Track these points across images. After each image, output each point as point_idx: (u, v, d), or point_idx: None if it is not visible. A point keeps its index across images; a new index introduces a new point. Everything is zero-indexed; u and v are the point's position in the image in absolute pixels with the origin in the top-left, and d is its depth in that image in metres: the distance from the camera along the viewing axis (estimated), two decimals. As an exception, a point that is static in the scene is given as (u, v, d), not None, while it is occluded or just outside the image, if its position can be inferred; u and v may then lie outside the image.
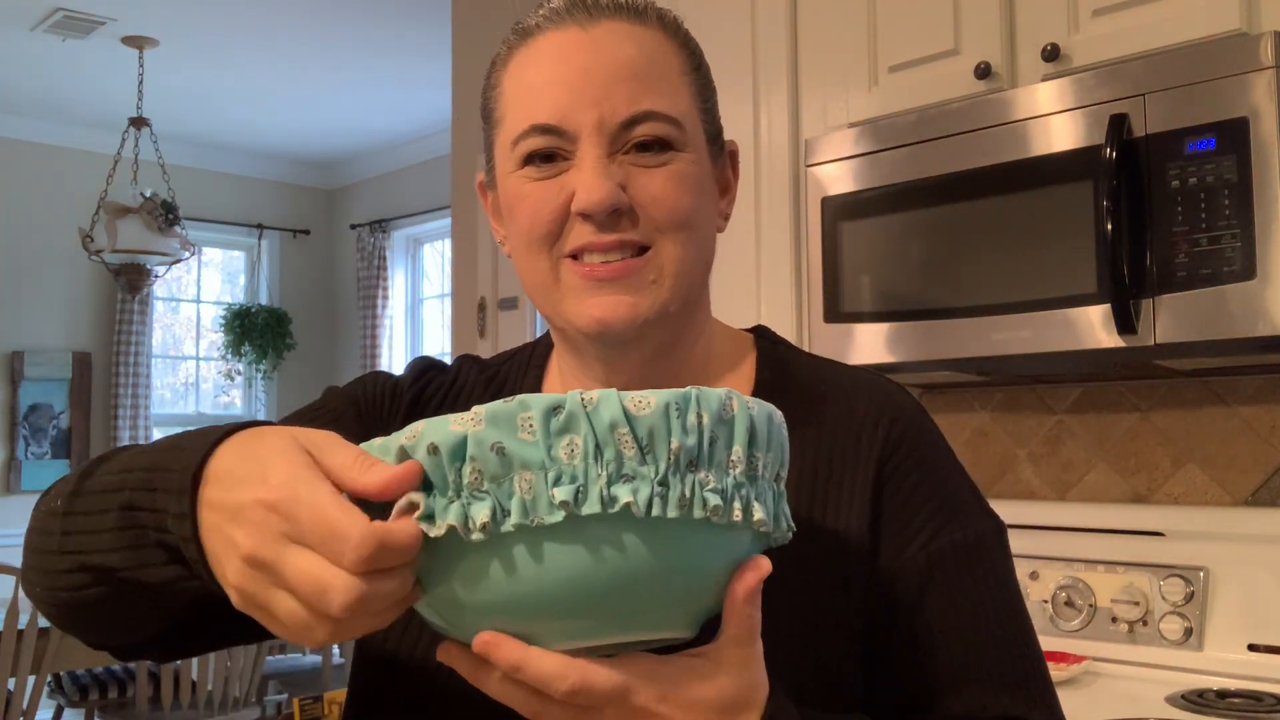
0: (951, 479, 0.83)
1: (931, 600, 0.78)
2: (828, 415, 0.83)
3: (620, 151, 0.78)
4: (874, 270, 1.92)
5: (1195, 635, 1.80)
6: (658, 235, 0.78)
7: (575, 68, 0.78)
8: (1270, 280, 1.49)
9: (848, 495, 0.79)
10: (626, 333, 0.78)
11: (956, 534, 0.80)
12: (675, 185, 0.78)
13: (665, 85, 0.80)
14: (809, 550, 0.77)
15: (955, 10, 1.92)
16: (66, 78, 5.03)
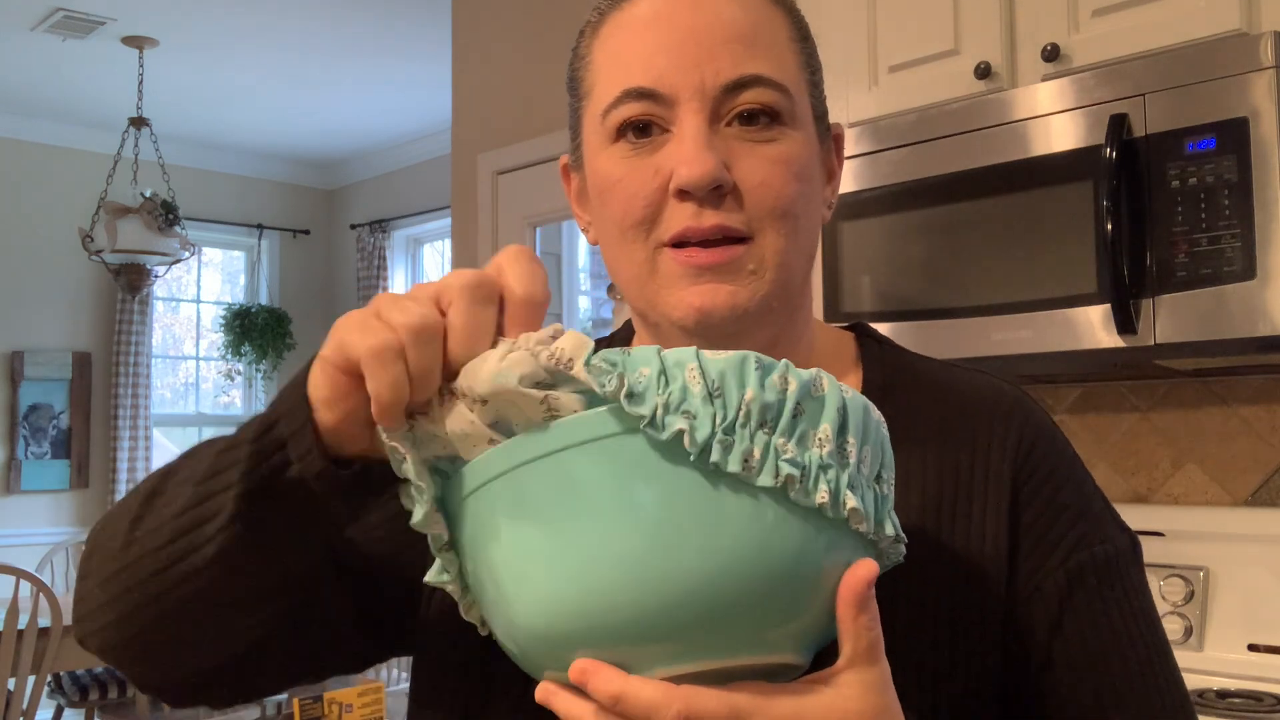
0: (1085, 490, 0.76)
1: (1071, 624, 0.71)
2: (949, 423, 0.75)
3: (724, 123, 0.70)
4: (874, 270, 1.92)
5: (1195, 635, 1.80)
6: (760, 224, 0.71)
7: (675, 27, 0.71)
8: (1270, 280, 1.49)
9: (979, 513, 0.72)
10: (726, 324, 0.71)
11: (1095, 549, 0.73)
12: (783, 169, 0.71)
13: (773, 51, 0.72)
14: (936, 575, 0.70)
15: (955, 10, 1.92)
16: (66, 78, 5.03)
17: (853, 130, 1.99)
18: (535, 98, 3.29)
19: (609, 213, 0.73)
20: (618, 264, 0.75)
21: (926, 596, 0.70)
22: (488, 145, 3.45)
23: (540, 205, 3.32)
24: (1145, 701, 0.71)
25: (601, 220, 0.75)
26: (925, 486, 0.73)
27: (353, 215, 6.57)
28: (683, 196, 0.70)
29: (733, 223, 0.70)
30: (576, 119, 0.78)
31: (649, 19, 0.72)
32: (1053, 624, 0.71)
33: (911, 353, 0.83)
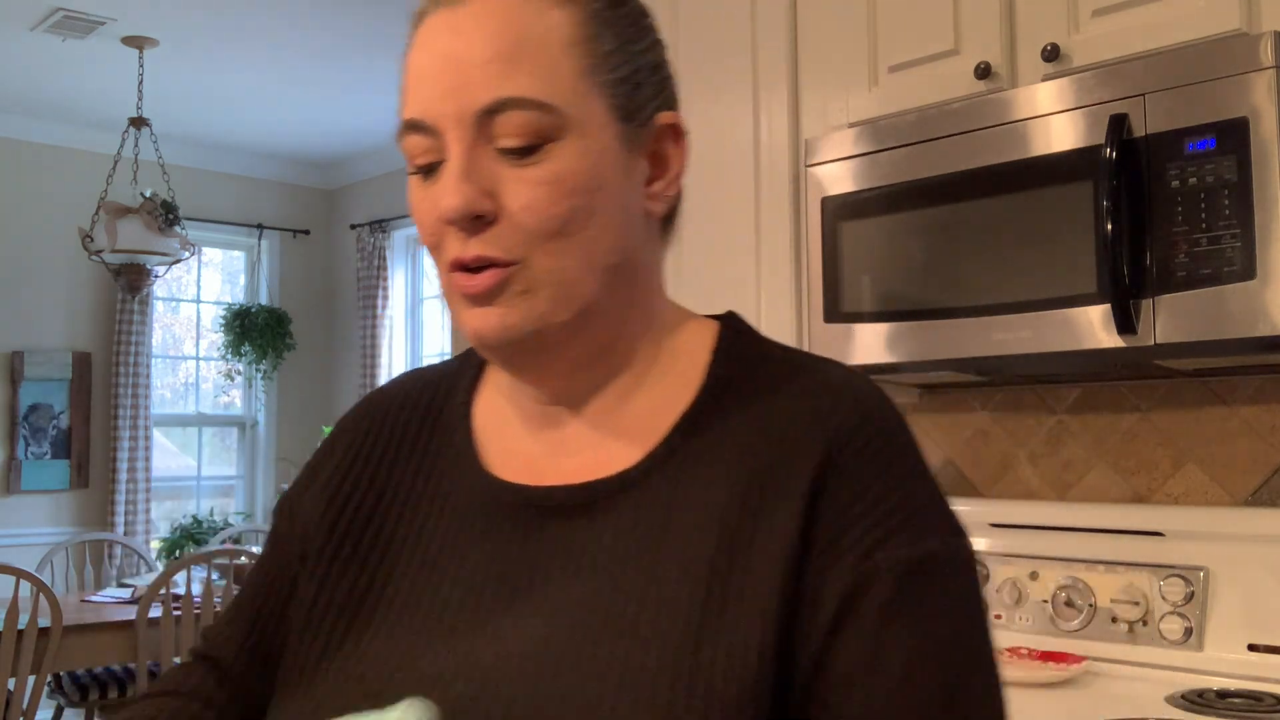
0: (903, 491, 0.69)
1: (854, 630, 0.65)
2: (775, 417, 0.72)
3: (494, 144, 0.70)
4: (874, 270, 1.92)
5: (1195, 635, 1.80)
6: (528, 248, 0.70)
7: (438, 55, 0.71)
8: (1270, 280, 1.49)
9: (777, 516, 0.68)
10: (502, 348, 0.72)
11: (902, 550, 0.66)
12: (549, 189, 0.69)
13: (538, 63, 0.70)
14: (735, 581, 0.67)
15: (955, 10, 1.92)
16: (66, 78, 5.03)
17: (852, 130, 1.99)
18: (535, 98, 3.29)
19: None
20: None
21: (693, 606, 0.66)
22: (488, 145, 3.45)
23: (540, 205, 3.32)
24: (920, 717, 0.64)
25: None
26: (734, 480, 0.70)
27: (353, 215, 6.57)
28: (450, 225, 0.70)
29: (493, 251, 0.69)
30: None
31: (424, 43, 0.72)
32: (832, 627, 0.65)
33: (772, 346, 0.80)
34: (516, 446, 0.79)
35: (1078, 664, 1.81)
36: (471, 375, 0.85)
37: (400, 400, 0.86)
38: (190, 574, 3.68)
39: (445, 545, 0.76)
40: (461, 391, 0.84)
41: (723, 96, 2.28)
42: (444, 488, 0.79)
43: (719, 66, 2.29)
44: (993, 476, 2.21)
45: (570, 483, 0.74)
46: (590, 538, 0.71)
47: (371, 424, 0.85)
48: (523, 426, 0.79)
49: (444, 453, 0.81)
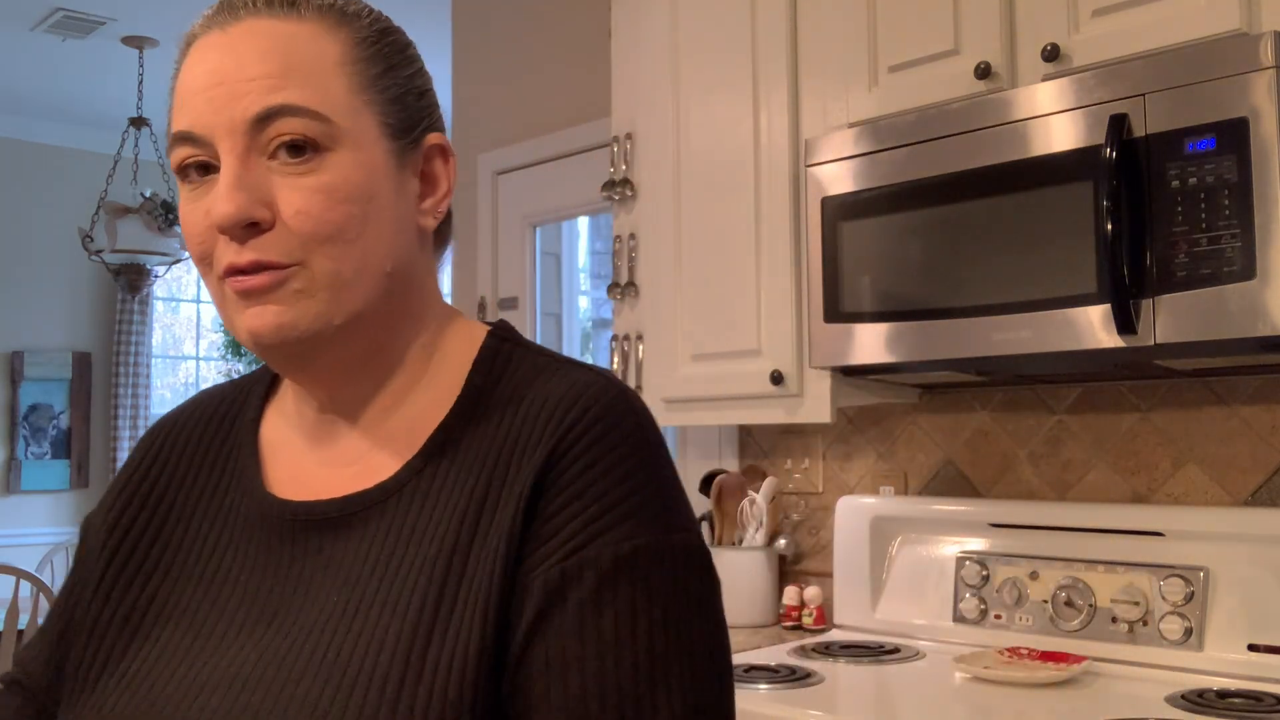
0: (630, 482, 0.70)
1: (555, 623, 0.67)
2: (515, 425, 0.74)
3: (267, 156, 0.72)
4: (874, 270, 1.92)
5: (1195, 635, 1.80)
6: (305, 252, 0.72)
7: (210, 72, 0.73)
8: (1270, 280, 1.49)
9: (502, 516, 0.70)
10: (279, 346, 0.73)
11: (610, 547, 0.68)
12: (323, 196, 0.72)
13: (311, 79, 0.73)
14: (464, 582, 0.69)
15: (955, 10, 1.92)
16: (66, 78, 5.03)
17: (852, 130, 1.99)
18: (535, 98, 3.29)
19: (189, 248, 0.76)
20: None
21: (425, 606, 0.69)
22: (488, 145, 3.46)
23: (540, 205, 3.32)
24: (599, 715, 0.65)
25: None
26: (473, 488, 0.73)
27: (353, 215, 6.56)
28: (224, 232, 0.72)
29: (270, 256, 0.71)
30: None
31: (193, 63, 0.75)
32: (536, 620, 0.67)
33: (531, 353, 0.81)
34: (297, 462, 0.82)
35: (1078, 664, 1.81)
36: (261, 393, 0.88)
37: (188, 420, 0.89)
38: (190, 574, 3.68)
39: (222, 560, 0.79)
40: (251, 409, 0.87)
41: (723, 96, 2.28)
42: (227, 504, 0.82)
43: (719, 66, 2.29)
44: (993, 476, 2.21)
45: (336, 495, 0.77)
46: (348, 549, 0.74)
47: (161, 445, 0.88)
48: (303, 441, 0.82)
49: (230, 470, 0.84)
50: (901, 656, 2.02)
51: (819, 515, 2.48)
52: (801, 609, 2.37)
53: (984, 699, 1.72)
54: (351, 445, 0.80)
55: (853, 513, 2.27)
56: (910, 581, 2.19)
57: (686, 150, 2.35)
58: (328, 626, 0.71)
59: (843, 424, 2.44)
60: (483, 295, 3.46)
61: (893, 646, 2.09)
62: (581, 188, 3.09)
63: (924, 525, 2.19)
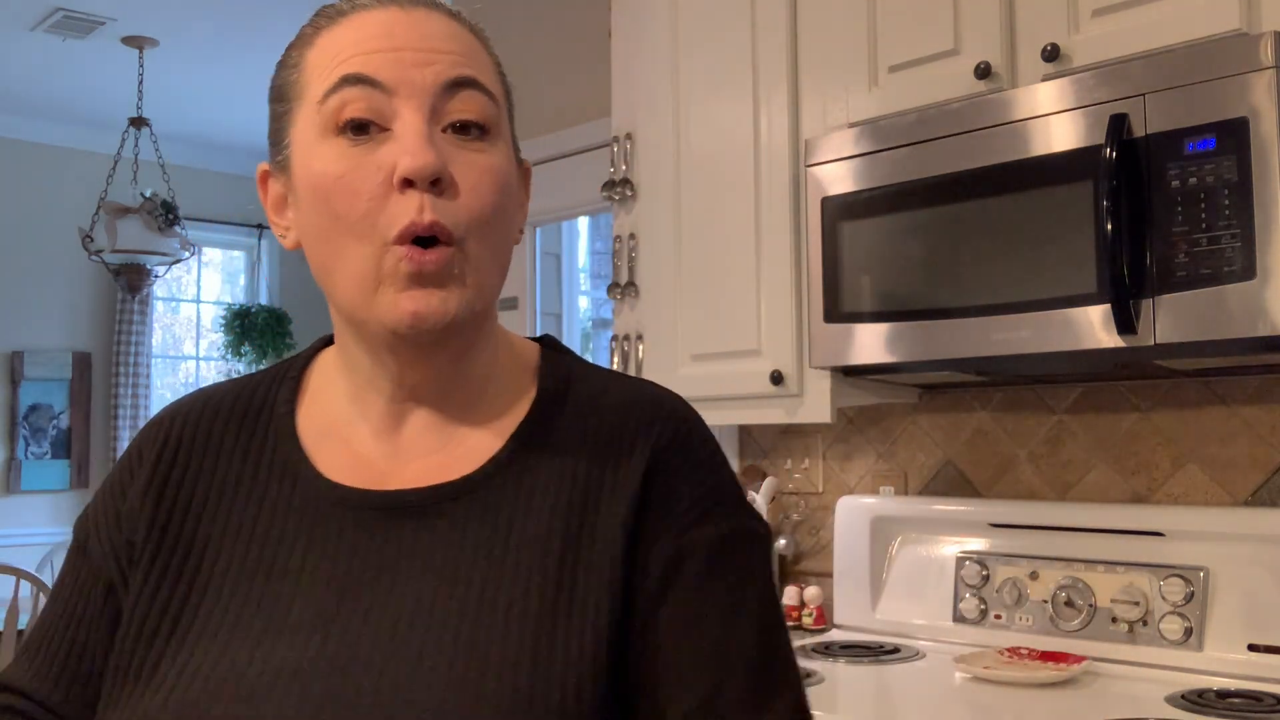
0: (719, 478, 0.80)
1: (677, 590, 0.74)
2: (603, 427, 0.80)
3: (440, 126, 0.74)
4: (874, 270, 1.92)
5: (1195, 635, 1.80)
6: (469, 229, 0.74)
7: (395, 36, 0.74)
8: (1270, 280, 1.49)
9: (613, 505, 0.76)
10: (435, 330, 0.74)
11: (711, 528, 0.76)
12: (491, 178, 0.75)
13: (483, 68, 0.78)
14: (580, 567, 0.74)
15: (955, 10, 1.92)
16: (66, 78, 5.03)
17: (852, 130, 1.99)
18: (535, 98, 3.29)
19: (330, 210, 0.74)
20: (334, 263, 0.75)
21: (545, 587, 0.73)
22: (488, 145, 3.45)
23: (540, 205, 3.32)
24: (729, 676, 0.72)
25: (320, 220, 0.75)
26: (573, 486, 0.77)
27: (353, 215, 6.56)
28: (405, 187, 0.72)
29: (446, 221, 0.73)
30: (283, 123, 0.78)
31: (366, 25, 0.75)
32: (659, 589, 0.74)
33: (588, 365, 0.87)
34: (357, 452, 0.81)
35: (1078, 664, 1.81)
36: (290, 388, 0.86)
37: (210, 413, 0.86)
38: (190, 574, 3.68)
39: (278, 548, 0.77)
40: (282, 404, 0.85)
41: (723, 96, 2.28)
42: (271, 495, 0.80)
43: (719, 66, 2.29)
44: (993, 476, 2.21)
45: (414, 486, 0.78)
46: (437, 538, 0.75)
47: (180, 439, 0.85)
48: (369, 431, 0.81)
49: (269, 463, 0.82)
50: (901, 656, 2.02)
51: (819, 515, 2.48)
52: (801, 609, 2.37)
53: (984, 699, 1.72)
54: (427, 436, 0.80)
55: (853, 513, 2.27)
56: (910, 581, 2.19)
57: (686, 150, 2.35)
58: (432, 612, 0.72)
59: (843, 424, 2.44)
60: (483, 295, 3.47)
61: (893, 646, 2.09)
62: (581, 188, 3.09)
63: (924, 525, 2.19)
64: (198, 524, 0.80)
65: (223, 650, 0.73)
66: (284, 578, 0.76)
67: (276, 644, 0.72)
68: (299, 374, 0.87)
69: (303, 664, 0.71)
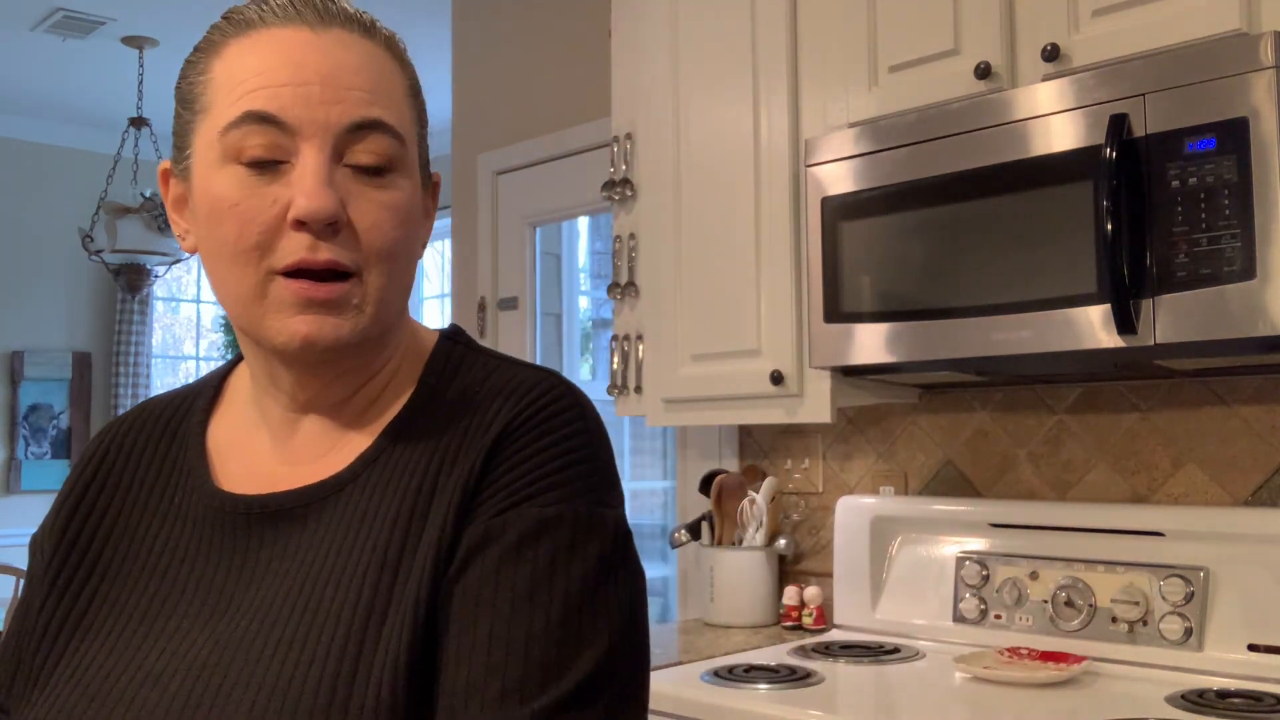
0: (565, 460, 0.76)
1: (475, 571, 0.72)
2: (466, 415, 0.79)
3: (342, 164, 0.75)
4: (874, 270, 1.92)
5: (1195, 635, 1.80)
6: (368, 263, 0.75)
7: (303, 65, 0.74)
8: (1270, 280, 1.49)
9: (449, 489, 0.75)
10: (326, 354, 0.76)
11: (536, 510, 0.73)
12: (392, 214, 0.76)
13: (392, 102, 0.78)
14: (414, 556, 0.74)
15: (955, 10, 1.92)
16: (66, 78, 5.03)
17: (852, 130, 1.99)
18: (535, 98, 3.29)
19: (222, 233, 0.75)
20: (226, 284, 0.77)
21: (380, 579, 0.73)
22: (488, 145, 3.46)
23: (540, 205, 3.32)
24: (508, 658, 0.69)
25: (212, 239, 0.76)
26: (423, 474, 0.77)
27: (353, 215, 6.56)
28: (299, 227, 0.73)
29: (343, 259, 0.74)
30: (187, 131, 0.79)
31: (275, 50, 0.75)
32: (458, 571, 0.73)
33: (482, 354, 0.86)
34: (256, 459, 0.84)
35: (1078, 664, 1.81)
36: (209, 397, 0.90)
37: (133, 426, 0.91)
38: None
39: (172, 557, 0.81)
40: (198, 412, 0.89)
41: (723, 96, 2.28)
42: (176, 502, 0.84)
43: (719, 66, 2.29)
44: (993, 476, 2.21)
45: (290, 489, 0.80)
46: (303, 538, 0.77)
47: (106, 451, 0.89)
48: (267, 439, 0.84)
49: (178, 470, 0.86)
50: (901, 656, 2.02)
51: (819, 515, 2.48)
52: (801, 609, 2.37)
53: (984, 699, 1.72)
54: (315, 442, 0.83)
55: (853, 513, 2.27)
56: (910, 581, 2.19)
57: (686, 150, 2.35)
58: (283, 607, 0.74)
59: (843, 424, 2.44)
60: (483, 295, 3.46)
61: (893, 646, 2.09)
62: (581, 188, 3.09)
63: (924, 525, 2.19)
64: (108, 533, 0.84)
65: (107, 655, 0.77)
66: (173, 584, 0.79)
67: (153, 649, 0.75)
68: (219, 384, 0.91)
69: (166, 668, 0.73)
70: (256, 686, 0.70)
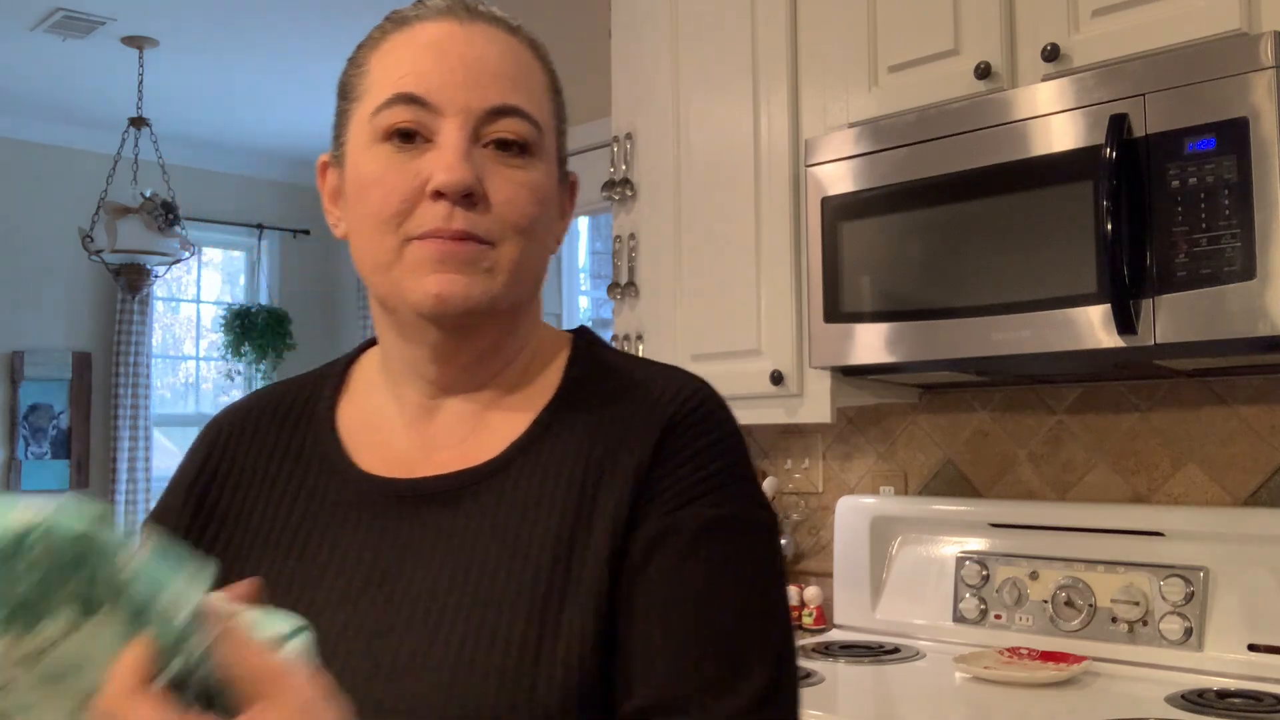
0: (725, 461, 0.81)
1: (656, 567, 0.76)
2: (621, 410, 0.83)
3: (480, 144, 0.79)
4: (874, 270, 1.92)
5: (1195, 635, 1.80)
6: (502, 235, 0.79)
7: (449, 54, 0.80)
8: (1270, 280, 1.49)
9: (617, 483, 0.79)
10: (458, 312, 0.79)
11: (707, 510, 0.78)
12: (527, 192, 0.81)
13: (532, 94, 0.83)
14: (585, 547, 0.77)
15: (955, 10, 1.92)
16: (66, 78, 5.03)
17: (852, 130, 1.99)
18: (535, 98, 3.29)
19: (366, 205, 0.80)
20: (367, 252, 0.82)
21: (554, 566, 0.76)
22: (488, 145, 3.45)
23: (540, 205, 3.32)
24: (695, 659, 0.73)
25: (356, 214, 0.82)
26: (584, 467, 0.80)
27: (353, 215, 6.55)
28: (437, 198, 0.78)
29: (477, 229, 0.79)
30: (343, 121, 0.86)
31: (427, 43, 0.81)
32: (638, 568, 0.76)
33: (619, 354, 0.91)
34: (390, 444, 0.87)
35: (1078, 664, 1.81)
36: (334, 384, 0.93)
37: (257, 412, 0.93)
38: (190, 574, 3.68)
39: (308, 535, 0.83)
40: (325, 400, 0.91)
41: (723, 96, 2.28)
42: (309, 484, 0.86)
43: (719, 66, 2.29)
44: (993, 476, 2.21)
45: (440, 473, 0.83)
46: (458, 521, 0.80)
47: (227, 437, 0.91)
48: (402, 425, 0.87)
49: (307, 453, 0.88)
50: (901, 656, 2.02)
51: (819, 515, 2.48)
52: (801, 609, 2.37)
53: (984, 699, 1.72)
54: (454, 428, 0.85)
55: (853, 513, 2.27)
56: (910, 581, 2.19)
57: (686, 150, 2.34)
58: (450, 590, 0.76)
59: (843, 424, 2.44)
60: (483, 295, 3.46)
61: (893, 646, 2.09)
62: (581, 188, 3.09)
63: (924, 525, 2.19)
64: (237, 514, 0.86)
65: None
66: (314, 561, 0.81)
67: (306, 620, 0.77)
68: (343, 372, 0.94)
69: (329, 636, 0.75)
70: (436, 663, 0.73)
